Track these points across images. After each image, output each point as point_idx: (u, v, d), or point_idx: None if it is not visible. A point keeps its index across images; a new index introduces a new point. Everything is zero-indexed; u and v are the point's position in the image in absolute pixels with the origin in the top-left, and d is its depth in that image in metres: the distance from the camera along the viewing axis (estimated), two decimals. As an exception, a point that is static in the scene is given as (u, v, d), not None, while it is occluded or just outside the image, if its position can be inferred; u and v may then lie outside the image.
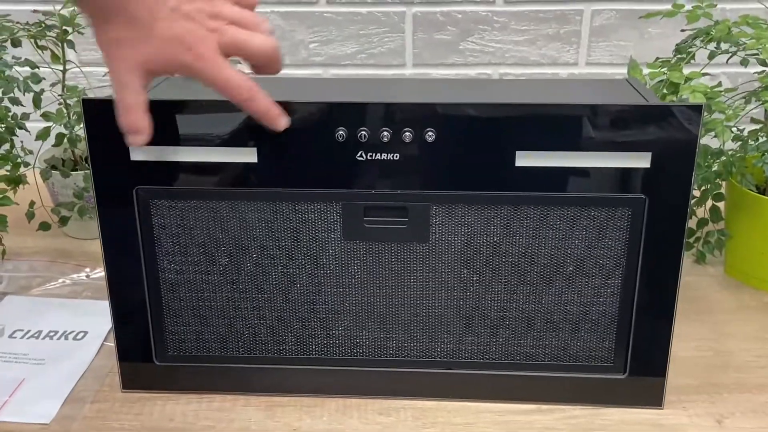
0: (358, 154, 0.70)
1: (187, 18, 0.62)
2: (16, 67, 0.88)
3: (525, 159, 0.70)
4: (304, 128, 0.69)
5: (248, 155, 0.71)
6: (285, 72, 1.39)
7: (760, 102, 0.89)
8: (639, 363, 0.76)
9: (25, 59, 0.89)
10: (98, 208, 0.73)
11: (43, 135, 0.95)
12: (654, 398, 0.77)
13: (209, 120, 0.70)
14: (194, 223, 0.74)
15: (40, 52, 0.99)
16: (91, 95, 0.97)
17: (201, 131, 0.70)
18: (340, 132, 0.69)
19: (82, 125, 0.97)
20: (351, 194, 0.72)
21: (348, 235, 0.73)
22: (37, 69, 0.90)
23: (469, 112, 0.69)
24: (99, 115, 0.69)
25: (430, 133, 0.69)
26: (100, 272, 1.00)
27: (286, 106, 0.68)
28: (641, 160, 0.69)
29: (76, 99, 0.95)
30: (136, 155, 0.71)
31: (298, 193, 0.72)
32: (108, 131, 0.69)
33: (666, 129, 0.68)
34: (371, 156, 0.70)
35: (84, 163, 1.06)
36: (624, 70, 1.33)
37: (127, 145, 0.68)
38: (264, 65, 0.67)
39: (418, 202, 0.72)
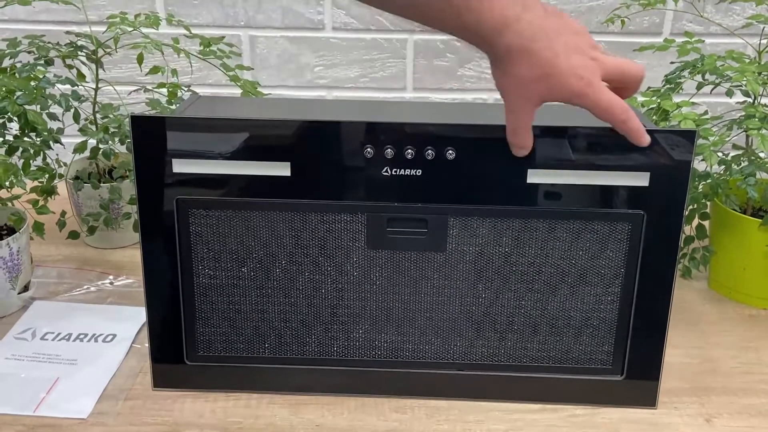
0: (384, 170, 0.77)
1: (577, 51, 0.67)
2: (58, 85, 0.94)
3: (536, 176, 0.76)
4: (335, 145, 0.76)
5: (282, 169, 0.77)
6: (290, 93, 1.46)
7: (743, 129, 0.97)
8: (635, 366, 0.83)
9: (66, 77, 0.94)
10: (140, 215, 0.78)
11: (80, 148, 1.00)
12: (648, 399, 0.84)
13: (247, 136, 0.76)
14: (228, 231, 0.80)
15: (68, 70, 1.04)
16: (123, 111, 1.03)
17: (239, 146, 0.76)
18: (368, 149, 0.76)
19: (115, 140, 1.03)
20: (376, 206, 0.78)
21: (371, 244, 0.80)
22: (76, 87, 0.96)
23: (486, 133, 0.75)
24: (146, 130, 0.75)
25: (450, 152, 0.75)
26: (123, 280, 1.05)
27: (321, 125, 0.75)
28: (641, 179, 0.76)
29: (112, 115, 1.00)
30: (178, 167, 0.77)
31: (327, 205, 0.78)
32: (153, 145, 0.75)
33: (663, 151, 0.75)
34: (396, 171, 0.77)
35: (107, 176, 1.11)
36: (612, 98, 1.40)
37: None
38: (631, 89, 0.73)
39: (437, 215, 0.78)
